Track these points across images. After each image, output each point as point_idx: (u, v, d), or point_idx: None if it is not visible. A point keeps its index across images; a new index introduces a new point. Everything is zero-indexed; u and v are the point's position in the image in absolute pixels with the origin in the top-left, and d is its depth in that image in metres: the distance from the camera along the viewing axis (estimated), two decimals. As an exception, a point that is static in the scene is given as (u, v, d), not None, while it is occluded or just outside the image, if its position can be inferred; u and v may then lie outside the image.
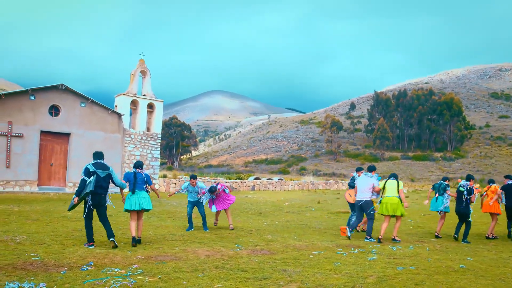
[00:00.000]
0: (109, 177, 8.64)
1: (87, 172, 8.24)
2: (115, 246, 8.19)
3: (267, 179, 35.04)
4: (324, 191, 33.85)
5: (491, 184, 12.86)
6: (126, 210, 8.87)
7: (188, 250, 8.34)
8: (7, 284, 5.45)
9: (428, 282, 6.57)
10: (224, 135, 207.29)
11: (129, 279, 5.94)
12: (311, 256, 8.30)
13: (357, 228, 12.44)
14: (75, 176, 21.96)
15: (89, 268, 6.49)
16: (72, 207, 8.44)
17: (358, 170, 12.21)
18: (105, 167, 8.53)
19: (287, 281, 6.28)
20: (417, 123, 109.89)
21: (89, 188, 8.09)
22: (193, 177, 11.50)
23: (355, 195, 11.22)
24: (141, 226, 9.05)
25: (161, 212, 15.28)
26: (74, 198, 8.18)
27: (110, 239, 8.29)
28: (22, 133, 20.54)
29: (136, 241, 8.56)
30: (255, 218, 15.13)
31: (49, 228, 10.19)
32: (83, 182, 8.15)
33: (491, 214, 12.27)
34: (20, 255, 7.12)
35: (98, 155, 8.66)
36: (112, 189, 13.06)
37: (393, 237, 10.68)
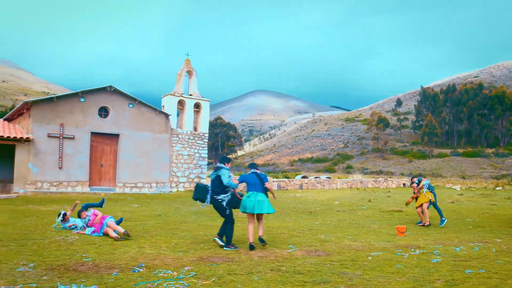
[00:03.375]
0: (218, 178, 8.44)
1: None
2: (221, 246, 8.24)
3: (315, 178, 34.45)
4: (374, 189, 32.91)
5: None
6: (244, 212, 8.52)
7: (241, 251, 8.03)
8: (59, 286, 5.29)
9: (502, 287, 5.97)
10: (269, 134, 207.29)
11: (181, 282, 5.67)
12: (369, 257, 7.81)
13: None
14: (124, 177, 22.22)
15: (140, 270, 6.28)
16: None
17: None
18: (217, 169, 8.52)
19: (348, 285, 5.85)
20: (467, 119, 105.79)
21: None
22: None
23: None
24: (261, 226, 8.76)
25: (210, 211, 15.05)
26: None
27: (215, 238, 8.46)
28: (73, 134, 20.92)
29: (253, 248, 8.20)
30: (305, 218, 14.68)
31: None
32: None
33: None
34: (72, 256, 7.02)
35: (222, 159, 8.74)
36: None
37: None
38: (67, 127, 20.82)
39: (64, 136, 20.68)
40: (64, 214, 9.94)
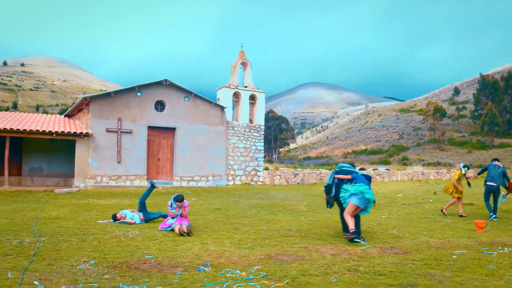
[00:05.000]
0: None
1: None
2: (351, 240, 7.97)
3: (373, 170, 33.26)
4: (437, 181, 31.35)
5: None
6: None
7: (310, 248, 7.42)
8: (121, 287, 4.89)
9: None
10: (321, 127, 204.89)
11: (252, 283, 5.14)
12: (454, 256, 7.00)
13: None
14: (181, 170, 22.11)
15: (206, 269, 5.81)
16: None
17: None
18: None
19: (440, 288, 5.13)
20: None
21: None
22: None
23: None
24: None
25: (269, 205, 14.55)
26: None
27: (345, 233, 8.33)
28: (130, 129, 20.98)
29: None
30: (370, 211, 13.87)
31: (159, 223, 9.79)
32: None
33: None
34: (133, 253, 6.65)
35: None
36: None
37: None
38: (125, 122, 20.90)
39: (122, 130, 20.77)
40: (114, 217, 9.77)
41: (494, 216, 11.83)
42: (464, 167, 13.15)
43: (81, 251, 6.70)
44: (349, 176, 8.36)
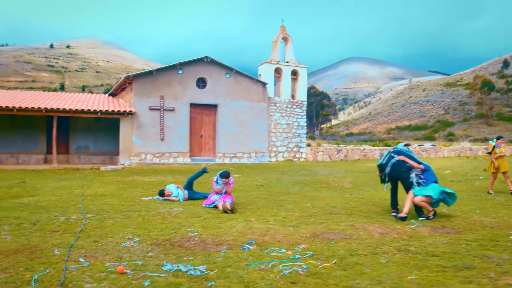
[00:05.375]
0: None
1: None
2: (401, 218, 7.71)
3: (418, 146, 32.35)
4: (485, 158, 30.16)
5: None
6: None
7: (357, 226, 7.16)
8: (165, 265, 4.81)
9: None
10: (364, 103, 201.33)
11: (298, 263, 4.95)
12: (511, 237, 6.58)
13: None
14: (223, 147, 22.12)
15: (251, 247, 5.66)
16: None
17: None
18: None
19: (498, 272, 4.78)
20: None
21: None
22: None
23: None
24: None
25: (313, 181, 14.30)
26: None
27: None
28: (173, 106, 21.07)
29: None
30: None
31: (202, 200, 9.73)
32: None
33: None
34: (177, 230, 6.60)
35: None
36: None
37: None
38: (167, 99, 21.00)
39: (164, 108, 20.89)
40: (162, 193, 9.72)
41: None
42: (497, 139, 12.53)
43: (125, 228, 6.70)
44: (421, 166, 8.07)
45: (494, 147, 12.34)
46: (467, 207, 9.47)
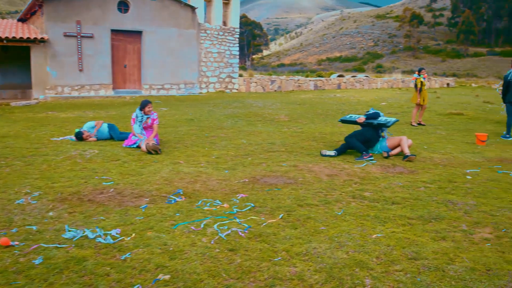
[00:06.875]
0: None
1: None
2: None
3: (352, 76, 32.10)
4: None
5: None
6: None
7: (301, 166, 6.33)
8: (67, 230, 3.73)
9: None
10: (295, 33, 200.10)
11: (237, 220, 4.03)
12: (468, 177, 6.03)
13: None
14: (150, 78, 20.47)
15: (178, 199, 4.67)
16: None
17: None
18: None
19: (470, 223, 4.14)
20: (507, 15, 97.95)
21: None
22: None
23: None
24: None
25: (247, 114, 13.34)
26: None
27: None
28: (92, 33, 18.93)
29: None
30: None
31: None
32: None
33: None
34: (89, 179, 5.43)
35: None
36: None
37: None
38: (85, 25, 18.78)
39: (82, 35, 18.72)
40: (79, 136, 8.28)
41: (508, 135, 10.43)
42: (420, 70, 12.69)
43: (24, 178, 5.43)
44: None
45: (422, 80, 12.30)
46: (413, 142, 8.95)
